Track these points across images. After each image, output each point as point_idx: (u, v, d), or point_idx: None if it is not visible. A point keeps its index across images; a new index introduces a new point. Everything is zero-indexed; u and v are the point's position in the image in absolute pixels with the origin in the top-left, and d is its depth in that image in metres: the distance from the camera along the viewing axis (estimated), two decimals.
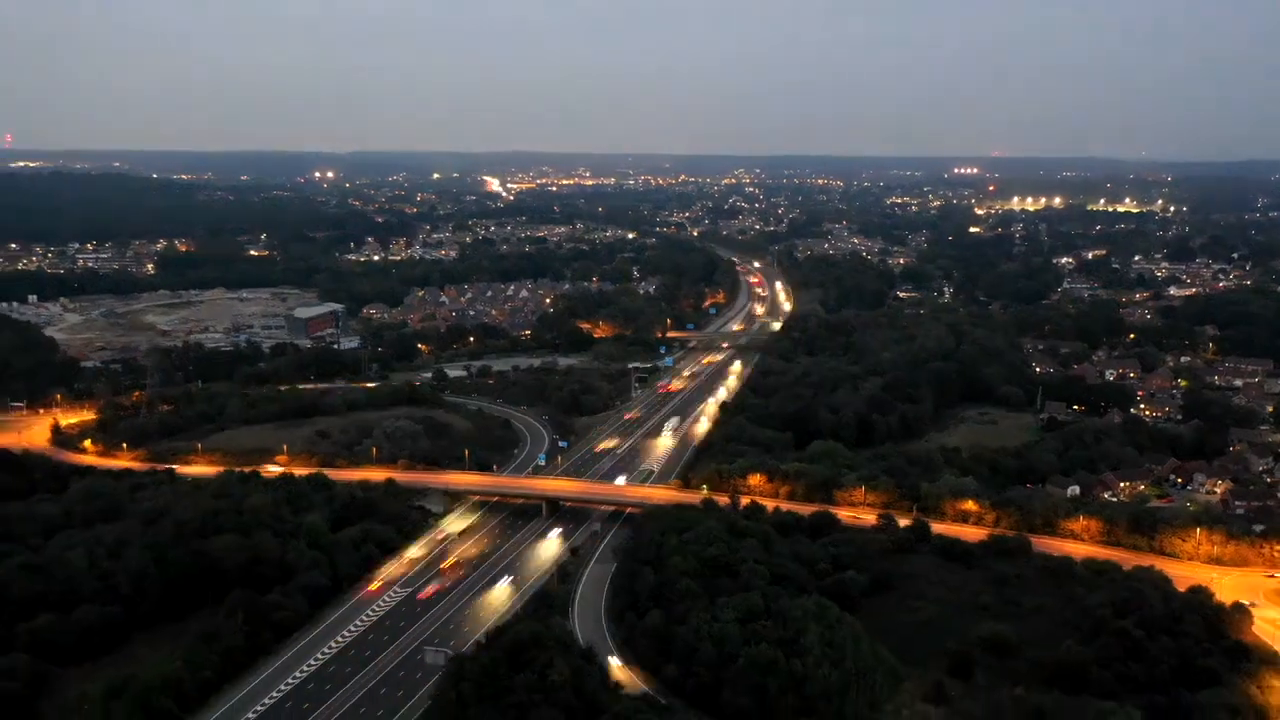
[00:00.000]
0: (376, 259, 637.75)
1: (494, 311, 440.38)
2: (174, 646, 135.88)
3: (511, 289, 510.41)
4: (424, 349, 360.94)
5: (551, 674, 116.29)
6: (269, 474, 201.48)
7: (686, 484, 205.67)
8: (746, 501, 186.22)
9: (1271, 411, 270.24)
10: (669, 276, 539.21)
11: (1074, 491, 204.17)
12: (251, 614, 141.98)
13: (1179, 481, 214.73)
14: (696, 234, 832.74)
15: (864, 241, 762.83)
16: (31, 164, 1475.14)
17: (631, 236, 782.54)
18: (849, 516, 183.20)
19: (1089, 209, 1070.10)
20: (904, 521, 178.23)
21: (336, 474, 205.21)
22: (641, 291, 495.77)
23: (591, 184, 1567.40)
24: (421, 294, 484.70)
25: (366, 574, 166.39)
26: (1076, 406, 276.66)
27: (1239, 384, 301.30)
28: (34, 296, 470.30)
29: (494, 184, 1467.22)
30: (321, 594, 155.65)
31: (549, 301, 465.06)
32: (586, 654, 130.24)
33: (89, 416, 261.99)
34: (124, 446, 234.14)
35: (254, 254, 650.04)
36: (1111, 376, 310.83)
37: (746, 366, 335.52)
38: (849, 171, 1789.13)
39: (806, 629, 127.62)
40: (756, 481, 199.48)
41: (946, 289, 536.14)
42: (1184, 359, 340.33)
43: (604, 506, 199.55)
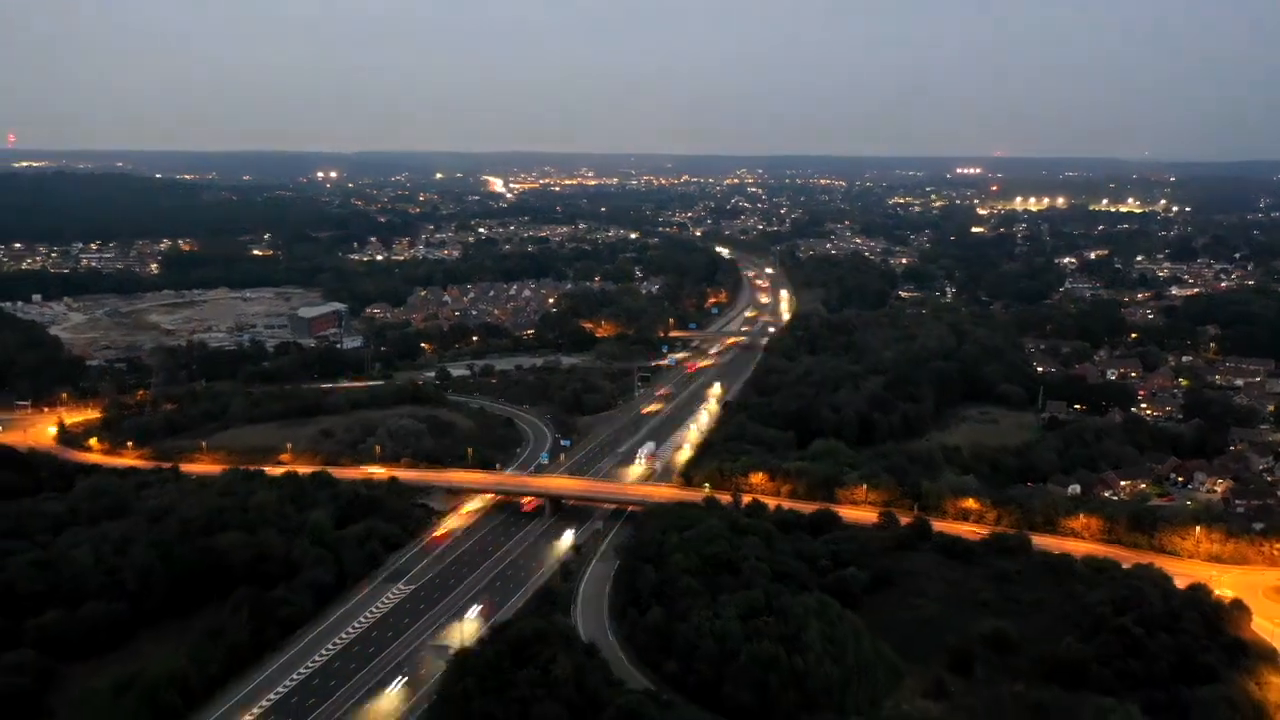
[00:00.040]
0: (379, 259, 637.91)
1: (496, 311, 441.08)
2: (180, 643, 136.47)
3: (514, 288, 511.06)
4: (427, 348, 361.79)
5: (554, 669, 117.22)
6: (273, 472, 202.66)
7: (688, 482, 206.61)
8: (748, 500, 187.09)
9: (1272, 411, 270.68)
10: (671, 276, 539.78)
11: (1075, 490, 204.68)
12: (257, 610, 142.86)
13: (1180, 480, 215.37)
14: (699, 234, 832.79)
15: (866, 241, 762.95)
16: (35, 164, 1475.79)
17: (634, 236, 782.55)
18: (850, 514, 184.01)
19: (1091, 209, 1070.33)
20: (905, 519, 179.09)
21: (340, 472, 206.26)
22: (644, 291, 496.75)
23: (594, 184, 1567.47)
24: (424, 293, 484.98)
25: (371, 571, 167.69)
26: (1078, 406, 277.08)
27: (1240, 383, 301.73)
28: (38, 296, 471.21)
29: (496, 184, 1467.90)
30: (326, 591, 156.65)
31: (551, 301, 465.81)
32: (589, 649, 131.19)
33: (94, 415, 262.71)
34: (129, 445, 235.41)
35: (257, 254, 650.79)
36: (1113, 376, 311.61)
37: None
38: (851, 171, 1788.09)
39: (808, 625, 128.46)
40: (758, 480, 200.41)
41: (949, 289, 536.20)
42: (1185, 358, 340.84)
43: (606, 505, 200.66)
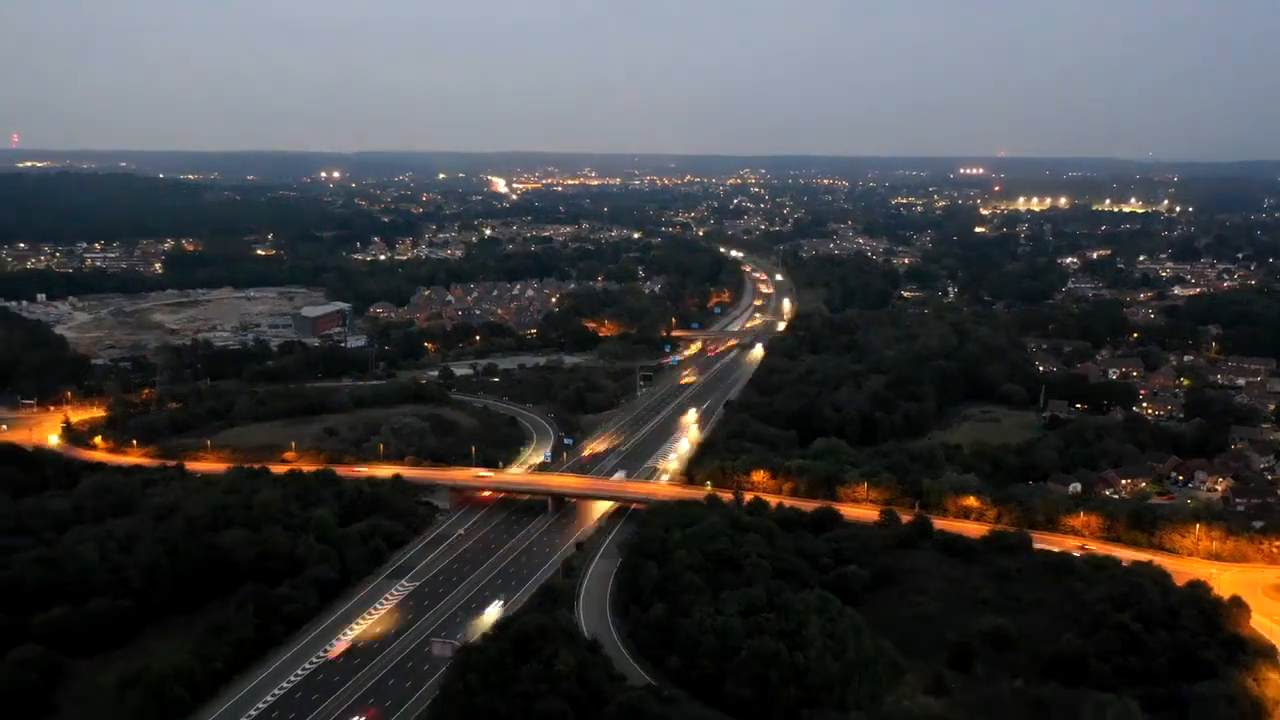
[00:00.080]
0: (383, 258, 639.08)
1: (500, 310, 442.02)
2: (185, 639, 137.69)
3: (517, 288, 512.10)
4: (430, 347, 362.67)
5: (557, 664, 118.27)
6: (278, 470, 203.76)
7: (691, 480, 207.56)
8: (750, 498, 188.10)
9: (1273, 410, 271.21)
10: (674, 276, 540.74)
11: (1075, 489, 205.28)
12: (262, 606, 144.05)
13: (1180, 479, 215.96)
14: (702, 234, 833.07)
15: (869, 241, 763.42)
16: (39, 164, 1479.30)
17: (637, 236, 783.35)
18: (852, 513, 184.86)
19: (1094, 209, 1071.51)
20: (906, 517, 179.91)
21: (344, 470, 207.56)
22: (646, 291, 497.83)
23: (597, 184, 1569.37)
24: (428, 293, 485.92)
25: (375, 568, 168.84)
26: (1079, 405, 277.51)
27: (1241, 383, 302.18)
28: (43, 295, 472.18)
29: (499, 184, 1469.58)
30: (331, 587, 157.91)
31: (554, 300, 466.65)
32: (592, 645, 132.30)
33: (99, 414, 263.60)
34: (134, 443, 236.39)
35: (261, 253, 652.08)
36: (1114, 375, 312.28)
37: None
38: (855, 171, 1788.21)
39: (808, 622, 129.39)
40: (760, 478, 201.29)
41: (951, 289, 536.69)
42: (1187, 358, 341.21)
43: (609, 502, 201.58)
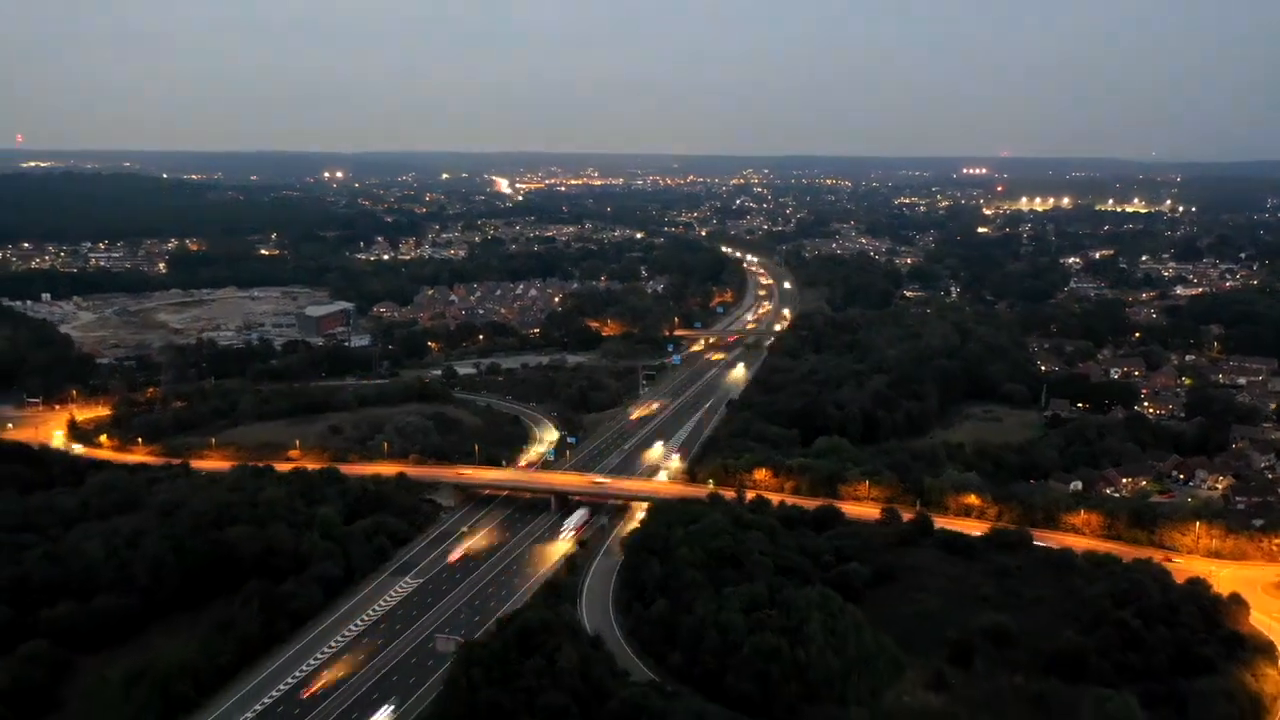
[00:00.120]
0: (386, 258, 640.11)
1: (503, 310, 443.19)
2: (190, 635, 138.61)
3: (520, 288, 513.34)
4: (434, 347, 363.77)
5: (560, 659, 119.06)
6: (282, 468, 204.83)
7: (693, 478, 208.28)
8: (752, 496, 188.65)
9: (1274, 409, 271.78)
10: (676, 275, 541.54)
11: (1076, 487, 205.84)
12: (267, 603, 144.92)
13: (1181, 477, 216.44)
14: (704, 234, 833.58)
15: (872, 241, 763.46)
16: (42, 164, 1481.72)
17: (639, 236, 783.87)
18: (853, 511, 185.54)
19: (1097, 209, 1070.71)
20: (907, 515, 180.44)
21: (349, 468, 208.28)
22: (649, 290, 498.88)
23: (600, 184, 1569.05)
24: (431, 292, 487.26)
25: (379, 565, 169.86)
26: (1081, 404, 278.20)
27: (1243, 382, 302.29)
28: (47, 295, 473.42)
29: (502, 184, 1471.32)
30: (335, 584, 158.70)
31: (557, 300, 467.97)
32: (594, 641, 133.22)
33: (104, 412, 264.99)
34: (139, 441, 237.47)
35: (265, 253, 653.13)
36: (1116, 374, 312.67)
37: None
38: (857, 172, 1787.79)
39: (810, 618, 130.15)
40: (762, 476, 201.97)
41: (953, 288, 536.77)
42: (1189, 357, 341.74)
43: (612, 500, 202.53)
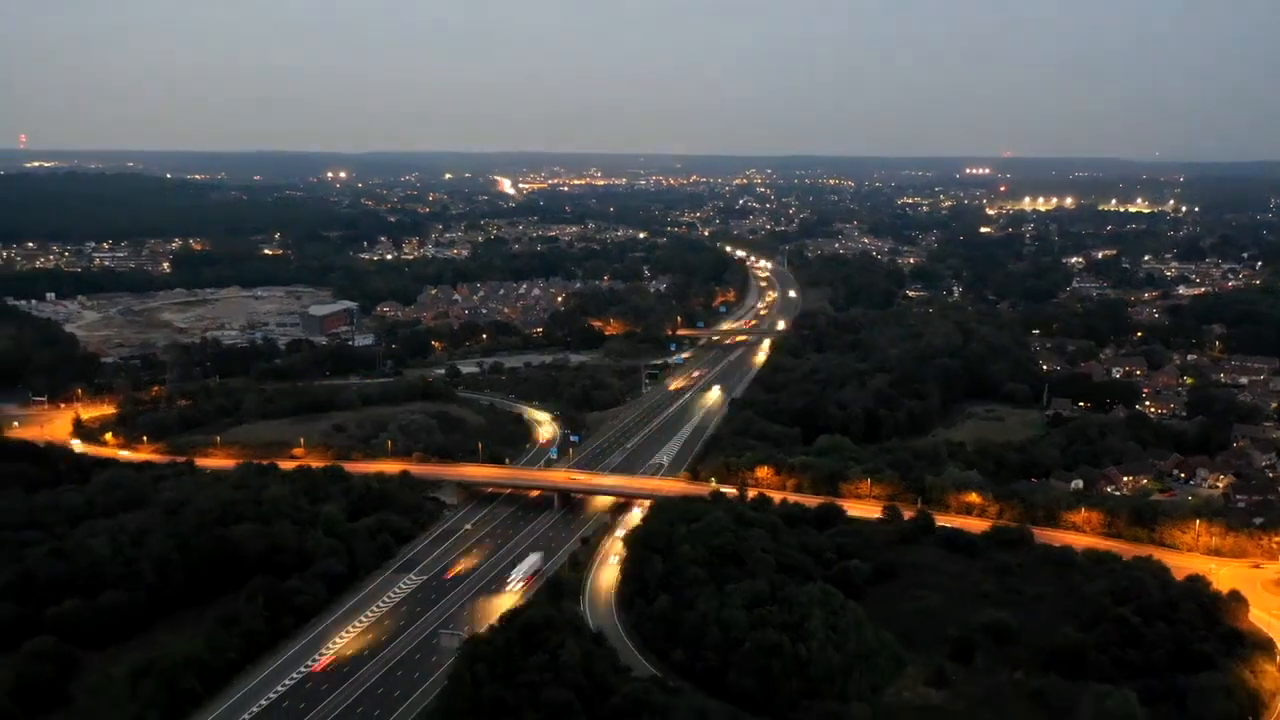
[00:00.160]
0: (390, 258, 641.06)
1: (506, 309, 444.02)
2: (196, 631, 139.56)
3: (523, 287, 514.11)
4: (437, 346, 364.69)
5: (563, 655, 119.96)
6: (287, 466, 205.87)
7: (695, 476, 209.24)
8: (754, 494, 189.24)
9: (1276, 408, 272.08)
10: (679, 275, 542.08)
11: (1077, 486, 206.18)
12: (272, 599, 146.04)
13: (1182, 476, 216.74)
14: (707, 234, 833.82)
15: (874, 241, 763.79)
16: (46, 164, 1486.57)
17: (642, 236, 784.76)
18: (855, 509, 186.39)
19: (1100, 209, 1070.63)
20: (909, 513, 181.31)
21: (353, 466, 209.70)
22: (652, 290, 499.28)
23: (603, 184, 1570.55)
24: (434, 292, 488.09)
25: (383, 562, 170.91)
26: (1082, 403, 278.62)
27: (1245, 381, 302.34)
28: (52, 294, 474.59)
29: (505, 184, 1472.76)
30: (339, 581, 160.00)
31: (560, 300, 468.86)
32: (597, 637, 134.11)
33: (109, 411, 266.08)
34: (144, 440, 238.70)
35: (268, 253, 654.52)
36: (1118, 374, 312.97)
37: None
38: (861, 172, 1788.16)
39: (811, 614, 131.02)
40: (764, 474, 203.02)
41: (956, 288, 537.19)
42: (1190, 357, 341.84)
43: (615, 498, 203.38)
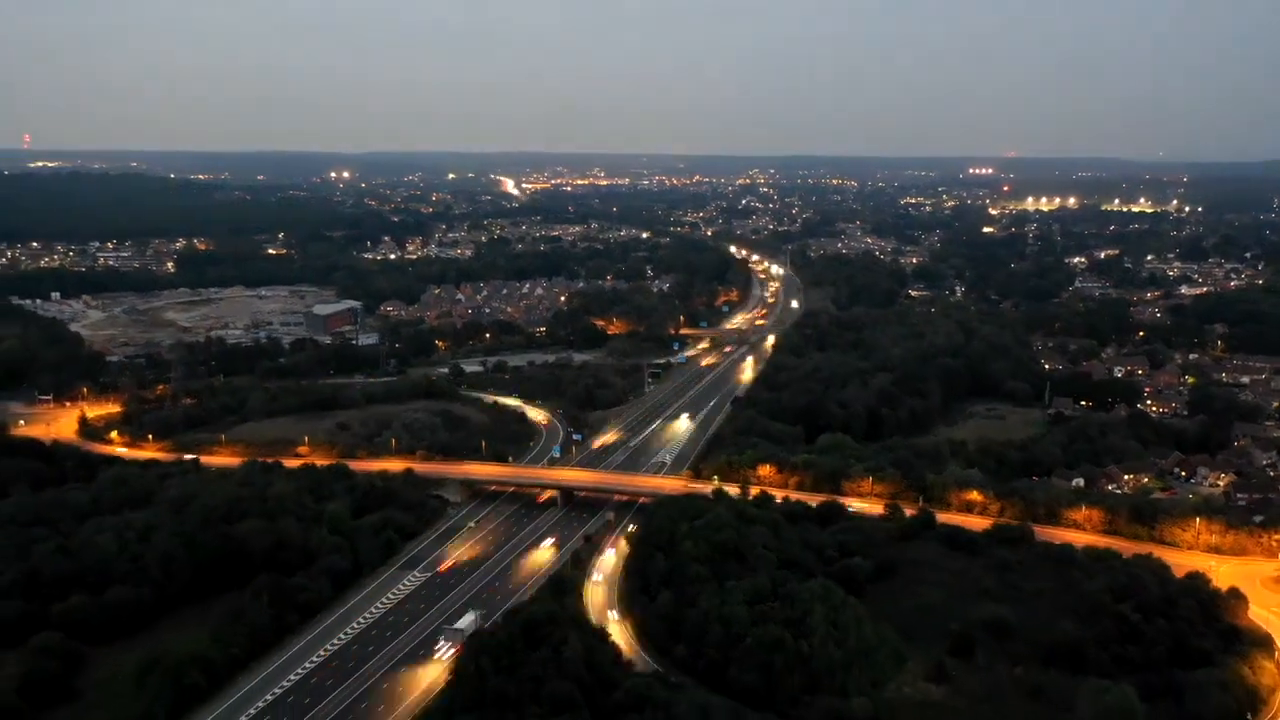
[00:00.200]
0: (393, 258, 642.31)
1: (509, 309, 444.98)
2: (201, 627, 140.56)
3: (527, 287, 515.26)
4: (441, 345, 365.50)
5: (565, 650, 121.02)
6: (291, 464, 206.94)
7: (698, 475, 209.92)
8: (756, 491, 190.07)
9: (1277, 407, 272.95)
10: (682, 275, 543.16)
11: (1078, 484, 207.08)
12: (277, 595, 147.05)
13: (1183, 474, 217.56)
14: (710, 233, 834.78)
15: (877, 241, 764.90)
16: (49, 164, 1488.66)
17: (645, 236, 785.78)
18: (857, 506, 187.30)
19: (1103, 209, 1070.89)
20: (910, 511, 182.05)
21: (357, 464, 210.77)
22: (655, 289, 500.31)
23: (606, 184, 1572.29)
24: (438, 291, 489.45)
25: (387, 558, 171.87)
26: (1084, 402, 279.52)
27: (1246, 381, 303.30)
28: (57, 293, 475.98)
29: (508, 184, 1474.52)
30: (343, 577, 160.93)
31: (564, 299, 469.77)
32: (599, 633, 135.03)
33: (114, 409, 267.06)
34: (149, 438, 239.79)
35: (272, 252, 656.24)
36: (1120, 373, 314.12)
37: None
38: (864, 172, 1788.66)
39: (812, 610, 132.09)
40: (766, 472, 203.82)
41: (958, 288, 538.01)
42: (1192, 356, 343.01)
43: (617, 496, 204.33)
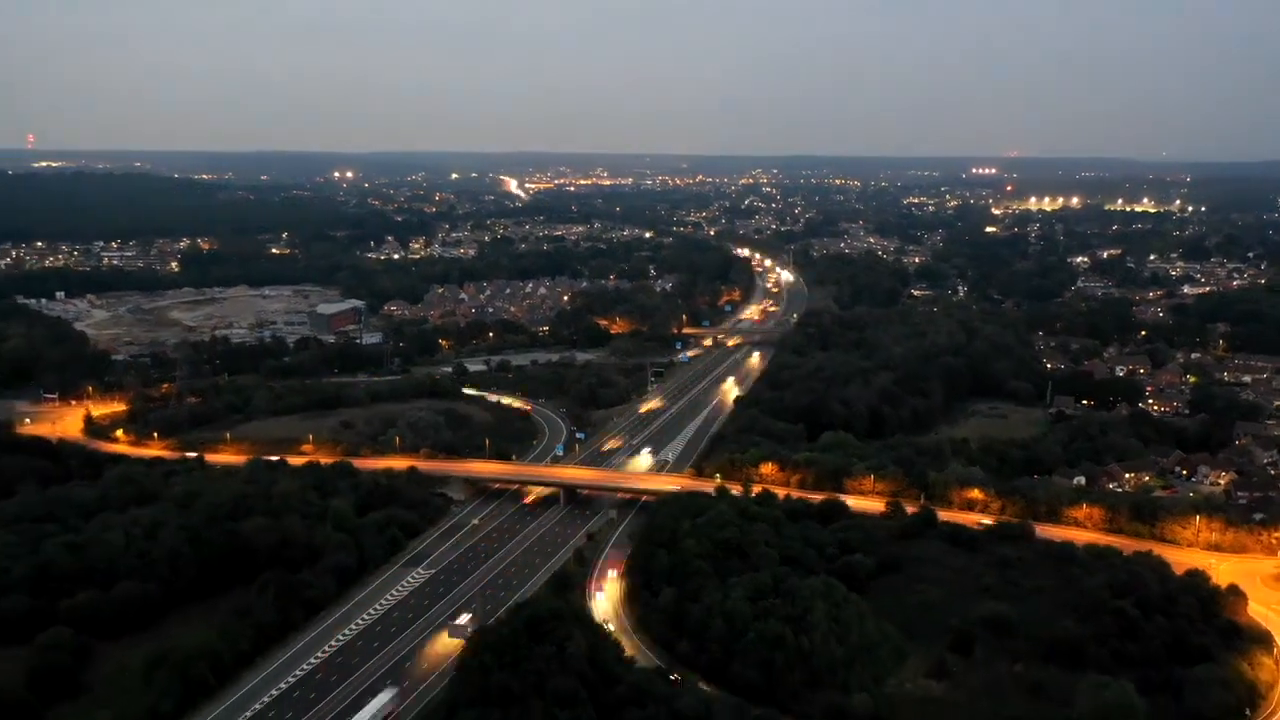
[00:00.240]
0: (396, 257, 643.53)
1: (513, 308, 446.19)
2: (207, 623, 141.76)
3: (530, 286, 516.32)
4: (444, 344, 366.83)
5: (569, 646, 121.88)
6: (296, 462, 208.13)
7: (700, 473, 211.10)
8: (758, 489, 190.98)
9: (1278, 406, 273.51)
10: (685, 274, 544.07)
11: (1079, 482, 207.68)
12: (282, 592, 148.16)
13: (1184, 473, 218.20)
14: (713, 233, 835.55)
15: (880, 241, 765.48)
16: (54, 164, 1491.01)
17: (648, 236, 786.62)
18: (858, 504, 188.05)
19: (1106, 209, 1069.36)
20: (911, 509, 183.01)
21: (361, 463, 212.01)
22: (658, 289, 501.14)
23: (609, 184, 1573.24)
24: (441, 291, 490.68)
25: (391, 556, 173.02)
26: (1086, 401, 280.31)
27: (1248, 380, 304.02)
28: (62, 293, 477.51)
29: (512, 184, 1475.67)
30: (348, 574, 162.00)
31: (567, 298, 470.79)
32: (602, 629, 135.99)
33: (120, 408, 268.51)
34: (154, 436, 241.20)
35: (276, 252, 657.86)
36: (1122, 372, 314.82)
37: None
38: (867, 172, 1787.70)
39: (814, 607, 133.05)
40: (768, 470, 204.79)
41: (960, 287, 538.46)
42: (1194, 355, 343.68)
43: (620, 494, 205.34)
